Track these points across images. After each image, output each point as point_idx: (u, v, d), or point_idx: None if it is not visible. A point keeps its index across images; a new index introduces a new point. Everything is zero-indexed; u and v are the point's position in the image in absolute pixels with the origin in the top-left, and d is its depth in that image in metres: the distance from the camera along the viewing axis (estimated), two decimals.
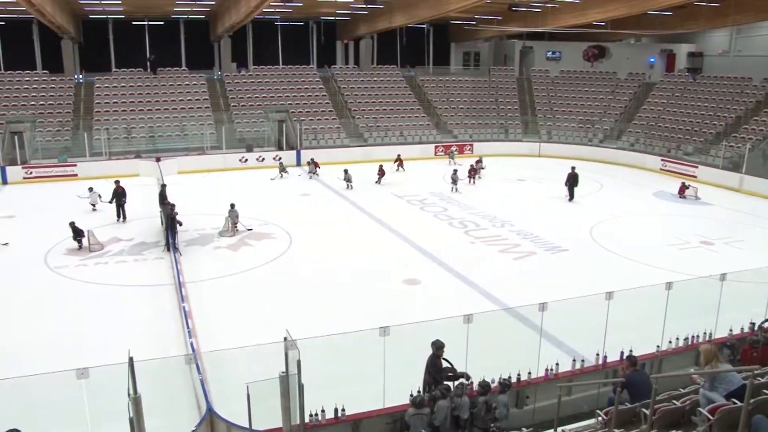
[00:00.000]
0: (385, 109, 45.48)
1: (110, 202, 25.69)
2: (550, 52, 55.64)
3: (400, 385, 10.72)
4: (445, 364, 10.96)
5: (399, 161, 36.96)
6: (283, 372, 8.92)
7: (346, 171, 32.29)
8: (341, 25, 56.77)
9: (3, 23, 47.15)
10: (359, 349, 11.86)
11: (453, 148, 40.87)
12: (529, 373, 11.62)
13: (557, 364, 11.84)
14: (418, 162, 39.57)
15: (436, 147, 42.26)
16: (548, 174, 35.74)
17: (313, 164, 35.30)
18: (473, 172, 32.87)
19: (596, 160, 39.69)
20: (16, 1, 31.88)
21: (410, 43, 56.74)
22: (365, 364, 11.33)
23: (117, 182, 25.99)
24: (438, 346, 10.87)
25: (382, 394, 10.62)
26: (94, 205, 26.93)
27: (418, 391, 10.44)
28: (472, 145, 43.03)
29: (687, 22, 42.41)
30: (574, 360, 12.21)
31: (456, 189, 30.91)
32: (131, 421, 8.37)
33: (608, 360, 12.22)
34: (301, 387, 8.95)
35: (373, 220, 26.30)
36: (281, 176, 34.79)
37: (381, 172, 33.35)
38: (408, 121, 44.71)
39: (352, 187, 31.65)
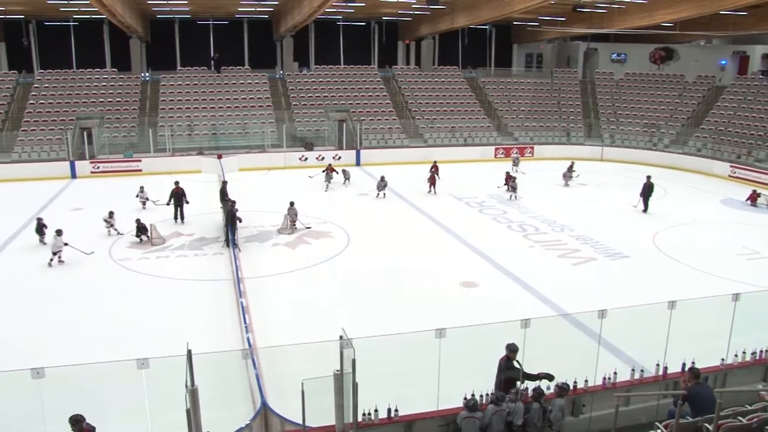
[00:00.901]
0: (445, 110, 45.31)
1: (167, 204, 25.55)
2: (615, 54, 54.56)
3: (455, 387, 10.63)
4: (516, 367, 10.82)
5: (435, 168, 32.59)
6: (337, 370, 8.94)
7: (382, 177, 30.38)
8: (403, 26, 56.85)
9: (76, 24, 49.09)
10: (414, 350, 11.81)
11: (515, 154, 40.05)
12: (586, 380, 11.35)
13: (615, 372, 11.54)
14: (478, 164, 39.25)
15: (497, 149, 41.86)
16: (610, 178, 35.00)
17: (328, 169, 32.81)
18: (510, 180, 30.98)
19: (661, 166, 38.59)
20: (89, 2, 33.05)
21: (472, 44, 56.48)
22: (420, 365, 11.29)
23: (176, 183, 25.84)
24: (511, 349, 10.72)
25: (435, 396, 10.55)
26: (144, 203, 27.48)
27: (472, 395, 10.33)
28: (532, 148, 42.50)
29: (763, 22, 40.72)
30: (633, 369, 11.87)
31: (514, 197, 30.10)
32: (188, 412, 8.50)
33: (669, 371, 11.82)
34: (355, 386, 8.95)
35: (431, 221, 26.21)
36: (328, 184, 32.23)
37: (432, 180, 31.44)
38: (469, 122, 44.43)
39: (384, 195, 30.20)
